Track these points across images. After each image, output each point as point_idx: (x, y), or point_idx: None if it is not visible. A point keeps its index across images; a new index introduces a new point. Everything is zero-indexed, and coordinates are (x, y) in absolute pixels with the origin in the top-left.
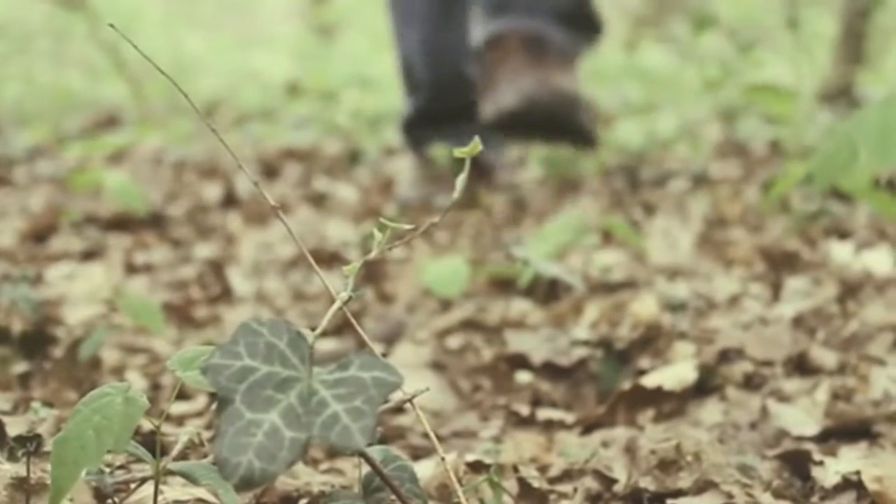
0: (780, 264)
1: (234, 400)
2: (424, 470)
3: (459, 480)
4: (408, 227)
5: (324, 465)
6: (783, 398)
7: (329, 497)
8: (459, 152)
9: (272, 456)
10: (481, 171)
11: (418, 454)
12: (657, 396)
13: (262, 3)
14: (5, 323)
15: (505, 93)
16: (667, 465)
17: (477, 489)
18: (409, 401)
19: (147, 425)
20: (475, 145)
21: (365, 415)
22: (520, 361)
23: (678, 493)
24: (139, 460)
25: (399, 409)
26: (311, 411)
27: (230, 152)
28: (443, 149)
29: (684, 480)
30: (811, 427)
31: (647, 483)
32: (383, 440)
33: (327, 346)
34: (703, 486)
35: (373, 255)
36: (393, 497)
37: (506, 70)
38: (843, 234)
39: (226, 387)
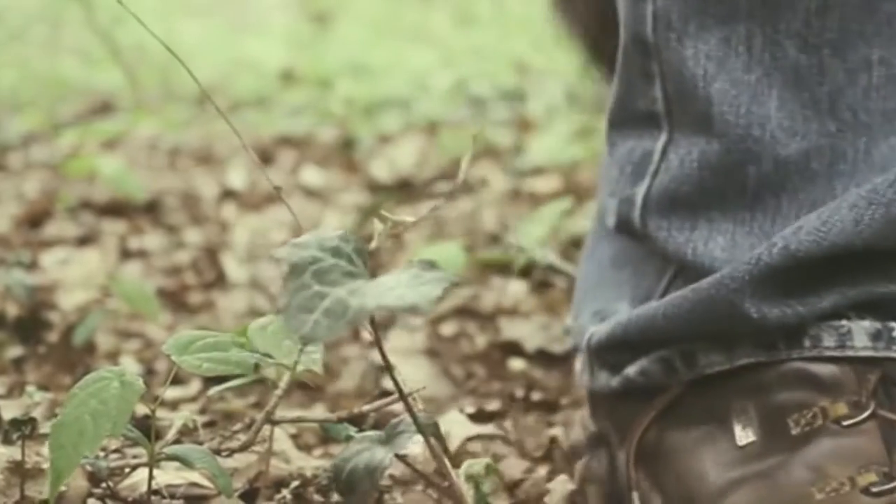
0: None
1: (304, 273)
2: (417, 450)
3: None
4: (408, 218)
5: (317, 451)
6: None
7: (354, 441)
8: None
9: (338, 317)
10: None
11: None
12: None
13: None
14: (0, 308)
15: None
16: None
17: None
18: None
19: (141, 410)
20: (480, 131)
21: (433, 288)
22: (513, 349)
23: None
24: (133, 444)
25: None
26: (376, 289)
27: (237, 134)
28: None
29: None
30: None
31: None
32: (376, 426)
33: None
34: None
35: (373, 245)
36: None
37: None
38: None
39: (298, 263)
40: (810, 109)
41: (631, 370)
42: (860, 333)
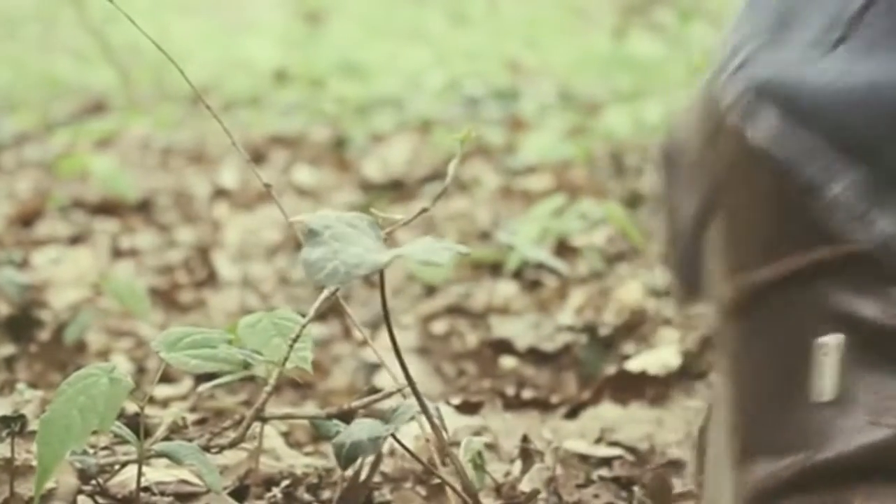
0: None
1: (323, 234)
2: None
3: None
4: (397, 216)
5: (308, 448)
6: None
7: (354, 425)
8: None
9: (356, 265)
10: None
11: None
12: (642, 381)
13: None
14: None
15: None
16: None
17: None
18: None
19: (131, 407)
20: (468, 132)
21: (445, 252)
22: (504, 347)
23: None
24: (123, 442)
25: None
26: (390, 249)
27: (226, 131)
28: None
29: None
30: None
31: None
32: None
33: (312, 331)
34: None
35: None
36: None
37: None
38: None
39: (316, 227)
40: None
41: (763, 124)
42: None
